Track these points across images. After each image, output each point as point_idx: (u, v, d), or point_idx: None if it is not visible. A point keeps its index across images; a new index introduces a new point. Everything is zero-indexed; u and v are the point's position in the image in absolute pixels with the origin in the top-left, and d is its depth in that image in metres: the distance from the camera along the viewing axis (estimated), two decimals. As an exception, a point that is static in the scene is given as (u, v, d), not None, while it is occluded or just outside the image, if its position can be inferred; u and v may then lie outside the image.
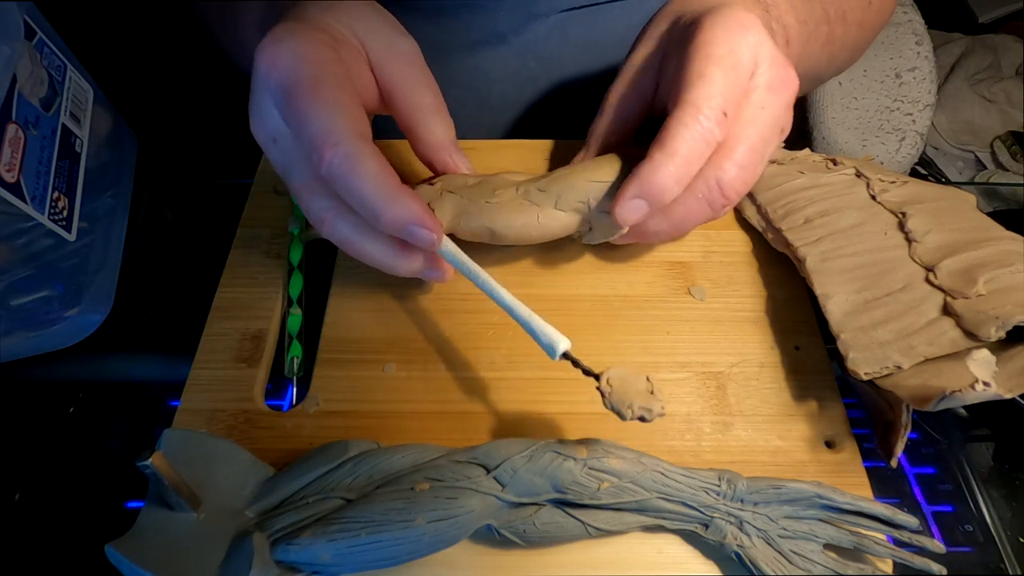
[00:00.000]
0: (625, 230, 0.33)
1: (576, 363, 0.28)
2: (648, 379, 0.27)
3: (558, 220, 0.33)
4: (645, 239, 0.34)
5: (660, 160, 0.29)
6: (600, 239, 0.35)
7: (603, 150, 0.37)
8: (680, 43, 0.32)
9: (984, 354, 0.28)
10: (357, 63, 0.32)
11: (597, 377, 0.27)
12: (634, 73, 0.36)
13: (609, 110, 0.37)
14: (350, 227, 0.30)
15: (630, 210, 0.30)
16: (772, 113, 0.31)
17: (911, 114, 0.95)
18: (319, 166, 0.28)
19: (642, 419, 0.26)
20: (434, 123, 0.33)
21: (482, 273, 0.31)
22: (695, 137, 0.29)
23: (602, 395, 0.27)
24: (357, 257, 0.32)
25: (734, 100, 0.30)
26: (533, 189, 0.34)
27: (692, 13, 0.33)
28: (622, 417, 0.26)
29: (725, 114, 0.29)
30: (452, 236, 0.33)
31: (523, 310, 0.29)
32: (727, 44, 0.30)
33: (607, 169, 0.33)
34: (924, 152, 1.11)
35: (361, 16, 0.32)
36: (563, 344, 0.28)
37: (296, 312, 0.37)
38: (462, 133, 0.35)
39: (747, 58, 0.30)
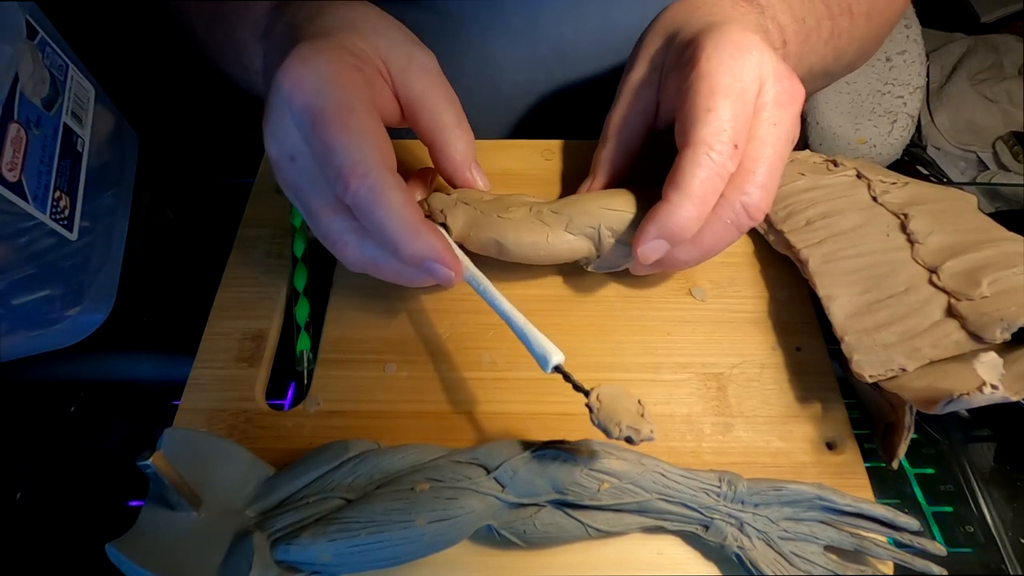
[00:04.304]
0: (632, 262, 0.34)
1: (567, 377, 0.28)
2: (640, 402, 0.27)
3: (567, 242, 0.33)
4: (674, 268, 0.34)
5: (677, 201, 0.29)
6: (606, 268, 0.35)
7: (610, 176, 0.37)
8: (678, 66, 0.32)
9: (991, 357, 0.28)
10: (379, 84, 0.31)
11: (587, 393, 0.27)
12: (633, 95, 0.35)
13: (612, 136, 0.36)
14: (374, 247, 0.30)
15: (652, 250, 0.31)
16: (784, 128, 0.31)
17: (902, 96, 0.96)
18: (344, 194, 0.28)
19: (629, 440, 0.26)
20: (456, 138, 0.33)
21: (483, 279, 0.31)
22: (709, 175, 0.29)
23: (590, 411, 0.27)
24: (375, 275, 0.32)
25: (744, 128, 0.30)
26: (546, 210, 0.34)
27: (687, 32, 0.32)
28: (608, 435, 0.26)
29: (736, 146, 0.29)
30: (461, 246, 0.34)
31: (520, 319, 0.29)
32: (730, 71, 0.29)
33: (621, 200, 0.34)
34: (925, 152, 1.11)
35: (382, 31, 0.32)
36: (556, 357, 0.28)
37: (303, 303, 0.37)
38: (474, 125, 0.35)
39: (752, 80, 0.30)
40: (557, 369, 0.28)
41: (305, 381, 0.35)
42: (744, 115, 0.30)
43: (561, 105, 0.51)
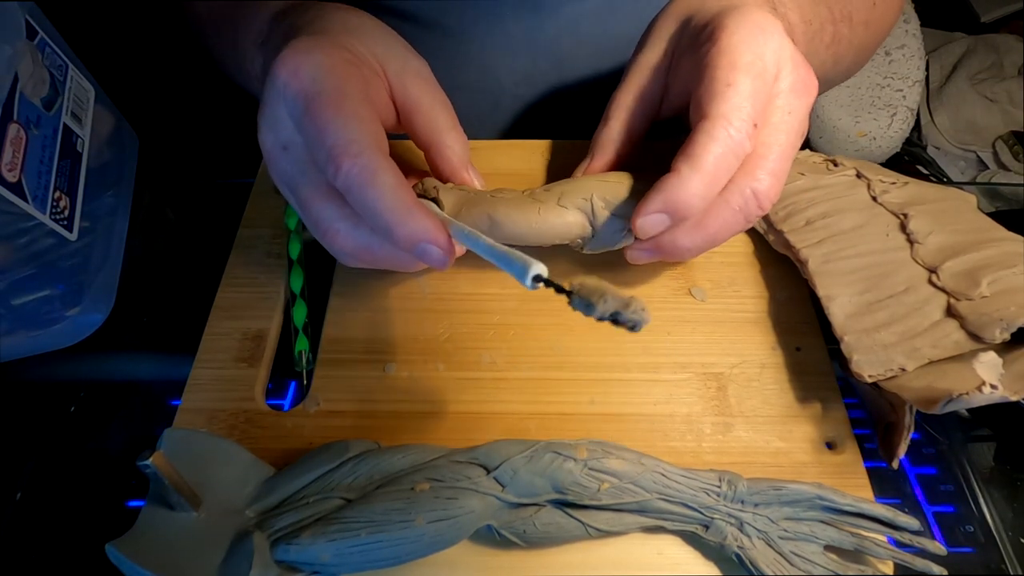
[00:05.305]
0: (631, 240, 0.32)
1: (549, 283, 0.24)
2: (633, 298, 0.23)
3: (559, 215, 0.33)
4: (673, 256, 0.32)
5: (687, 175, 0.28)
6: (602, 247, 0.34)
7: (609, 157, 0.36)
8: (695, 47, 0.31)
9: (991, 356, 0.28)
10: (376, 83, 0.32)
11: (569, 292, 0.24)
12: (641, 77, 0.35)
13: (616, 117, 0.35)
14: (367, 233, 0.30)
15: (651, 223, 0.30)
16: (798, 117, 0.30)
17: (901, 90, 0.96)
18: (335, 176, 0.27)
19: (615, 319, 0.22)
20: (453, 140, 0.33)
21: (465, 226, 0.30)
22: (725, 151, 0.28)
23: (569, 295, 0.23)
24: (368, 264, 0.31)
25: (763, 107, 0.29)
26: (538, 190, 0.34)
27: (705, 14, 0.32)
28: (591, 311, 0.22)
29: (756, 125, 0.28)
30: None
31: (500, 247, 0.27)
32: (752, 49, 0.29)
33: (616, 175, 0.34)
34: (925, 152, 1.11)
35: (380, 37, 0.33)
36: (536, 267, 0.24)
37: (301, 305, 0.37)
38: (471, 131, 0.35)
39: (771, 62, 0.29)
40: (538, 279, 0.25)
41: (305, 381, 0.35)
42: (764, 94, 0.29)
43: (558, 112, 0.51)
